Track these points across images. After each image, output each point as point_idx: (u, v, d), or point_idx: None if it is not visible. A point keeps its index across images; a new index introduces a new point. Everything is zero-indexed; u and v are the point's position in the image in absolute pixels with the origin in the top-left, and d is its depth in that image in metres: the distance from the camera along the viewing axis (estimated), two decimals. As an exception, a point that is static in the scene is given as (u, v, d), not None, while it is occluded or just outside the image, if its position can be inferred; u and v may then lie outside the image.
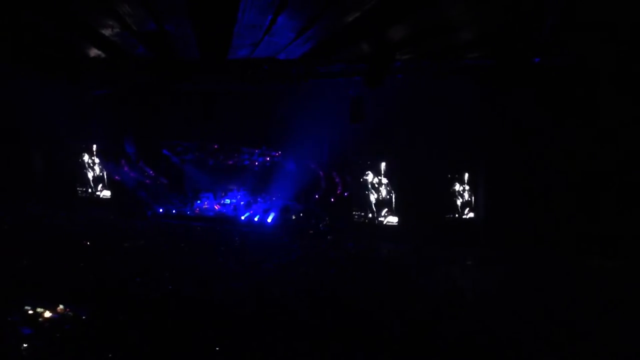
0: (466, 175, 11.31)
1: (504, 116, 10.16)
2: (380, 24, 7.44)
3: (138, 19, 7.52)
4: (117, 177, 13.36)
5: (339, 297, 7.95)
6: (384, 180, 11.68)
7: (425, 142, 10.97)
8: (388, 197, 11.69)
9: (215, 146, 13.67)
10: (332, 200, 12.55)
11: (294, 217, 12.43)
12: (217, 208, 13.22)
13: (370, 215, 11.95)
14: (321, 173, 12.63)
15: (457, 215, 11.41)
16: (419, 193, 11.30)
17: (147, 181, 13.53)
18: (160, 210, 13.08)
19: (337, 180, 12.53)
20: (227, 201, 13.42)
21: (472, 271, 9.45)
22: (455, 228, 11.28)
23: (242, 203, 13.30)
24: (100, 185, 13.38)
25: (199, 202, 13.44)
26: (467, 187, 11.33)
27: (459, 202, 11.40)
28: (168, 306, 7.60)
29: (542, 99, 9.51)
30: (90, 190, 13.36)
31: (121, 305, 7.64)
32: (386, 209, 11.75)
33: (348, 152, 12.09)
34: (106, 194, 13.40)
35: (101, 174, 13.45)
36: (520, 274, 8.79)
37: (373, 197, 11.88)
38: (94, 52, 9.47)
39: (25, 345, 6.49)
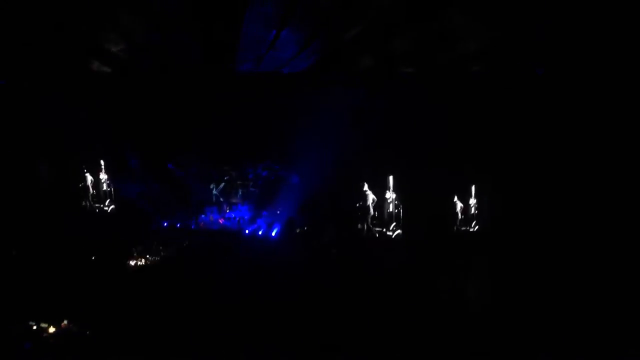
0: (473, 187, 11.31)
1: (510, 126, 10.16)
2: (382, 37, 7.60)
3: (143, 32, 7.65)
4: (121, 191, 13.42)
5: (342, 310, 8.33)
6: (389, 192, 11.61)
7: (431, 153, 10.92)
8: (393, 209, 11.62)
9: (220, 160, 13.63)
10: (337, 213, 12.32)
11: (298, 231, 12.27)
12: (221, 222, 13.08)
13: (375, 227, 11.86)
14: (325, 186, 12.26)
15: (463, 227, 11.37)
16: (425, 205, 11.20)
17: (152, 195, 13.51)
18: (165, 224, 13.07)
19: (341, 192, 12.30)
20: (232, 215, 13.26)
21: (477, 282, 9.52)
22: (462, 240, 11.24)
23: (246, 217, 13.16)
24: (105, 199, 13.45)
25: (203, 215, 13.30)
26: (473, 199, 11.32)
27: (464, 213, 11.35)
28: (170, 320, 7.82)
29: (548, 109, 9.59)
30: (94, 204, 13.43)
31: (125, 320, 7.84)
32: (392, 222, 11.68)
33: (352, 165, 11.89)
34: (111, 207, 13.44)
35: (105, 187, 13.47)
36: (529, 286, 8.86)
37: (377, 210, 11.80)
38: (97, 66, 9.54)
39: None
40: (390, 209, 11.64)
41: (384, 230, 11.76)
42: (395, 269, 10.00)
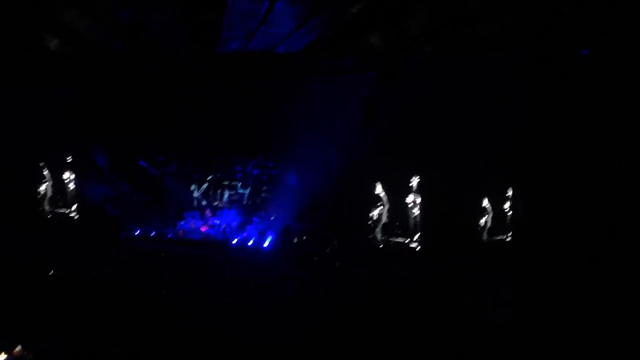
0: (508, 190, 11.32)
1: (554, 117, 10.02)
2: (394, 11, 7.52)
3: (111, 7, 7.58)
4: (85, 193, 13.36)
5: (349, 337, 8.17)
6: (404, 195, 11.61)
7: (453, 149, 10.93)
8: (409, 214, 11.59)
9: (203, 157, 13.79)
10: (342, 219, 12.36)
11: (295, 241, 12.24)
12: (203, 230, 13.11)
13: (387, 237, 11.87)
14: (328, 187, 12.45)
15: (492, 237, 11.36)
16: (446, 210, 11.19)
17: (121, 198, 13.51)
18: (137, 232, 13.09)
19: (348, 195, 12.42)
20: (217, 222, 13.32)
21: (506, 300, 9.51)
22: (489, 250, 11.24)
23: (234, 224, 13.20)
24: (65, 203, 13.39)
25: (182, 222, 13.38)
26: (504, 204, 11.32)
27: (497, 221, 11.37)
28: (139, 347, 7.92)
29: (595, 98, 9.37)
30: (53, 208, 13.36)
31: (86, 347, 7.81)
32: (407, 229, 11.67)
33: (359, 163, 11.88)
34: (72, 212, 13.37)
35: (66, 189, 13.38)
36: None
37: (390, 215, 11.81)
38: (56, 44, 9.46)
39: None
40: (411, 215, 11.57)
41: (402, 240, 11.70)
42: (415, 288, 9.94)
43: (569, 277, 9.43)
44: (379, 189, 11.89)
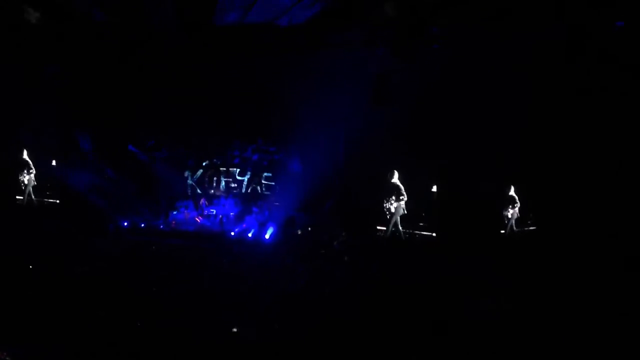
0: (527, 178, 11.14)
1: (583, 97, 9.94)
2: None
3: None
4: (69, 181, 13.35)
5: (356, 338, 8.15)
6: (421, 183, 11.56)
7: (474, 133, 10.77)
8: (425, 205, 11.53)
9: (197, 140, 13.72)
10: (351, 209, 12.30)
11: (299, 232, 12.31)
12: (199, 221, 13.15)
13: (401, 229, 11.79)
14: (336, 174, 12.45)
15: (518, 230, 11.31)
16: (468, 200, 11.05)
17: (108, 186, 13.47)
18: (125, 223, 13.07)
19: (356, 183, 12.35)
20: (213, 212, 13.34)
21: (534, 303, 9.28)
22: (515, 245, 11.16)
23: (231, 214, 13.22)
24: (48, 192, 13.55)
25: (175, 213, 13.38)
26: (529, 194, 11.25)
27: (518, 211, 11.31)
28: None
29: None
30: (34, 197, 13.53)
31: (70, 349, 7.93)
32: (423, 221, 11.62)
33: (371, 147, 11.82)
34: (55, 202, 13.50)
35: (49, 177, 13.49)
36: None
37: (404, 206, 11.72)
38: (38, 18, 9.56)
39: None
40: (428, 206, 11.50)
41: (417, 233, 11.63)
42: (429, 286, 9.80)
43: (605, 279, 9.35)
44: (392, 177, 11.80)
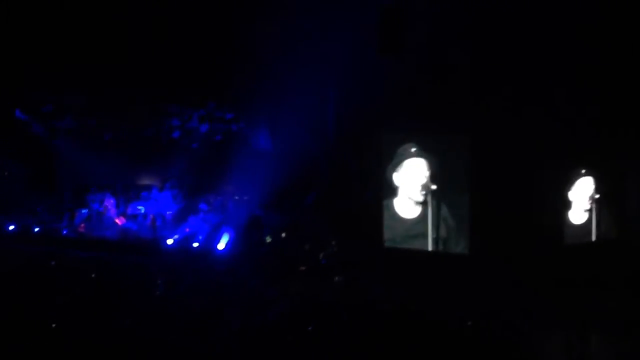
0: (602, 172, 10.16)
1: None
2: None
3: None
4: None
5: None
6: (442, 170, 10.05)
7: (523, 103, 9.62)
8: (449, 202, 10.19)
9: (117, 104, 12.20)
10: (344, 206, 10.84)
11: (268, 240, 10.93)
12: (120, 223, 12.06)
13: (414, 237, 10.47)
14: (322, 155, 11.19)
15: (586, 239, 10.10)
16: (511, 199, 9.74)
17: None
18: (11, 227, 12.12)
19: (351, 169, 10.97)
20: (140, 209, 12.14)
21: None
22: (579, 261, 9.65)
23: (168, 213, 12.07)
24: None
25: (85, 211, 12.21)
26: (603, 192, 10.04)
27: (585, 216, 10.03)
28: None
29: None
30: None
31: None
32: (447, 226, 10.29)
33: (373, 117, 10.49)
34: None
35: None
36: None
37: (420, 205, 10.24)
38: None
39: None
40: (453, 203, 10.17)
41: (435, 243, 10.42)
42: (461, 316, 8.06)
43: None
44: (400, 159, 10.39)
